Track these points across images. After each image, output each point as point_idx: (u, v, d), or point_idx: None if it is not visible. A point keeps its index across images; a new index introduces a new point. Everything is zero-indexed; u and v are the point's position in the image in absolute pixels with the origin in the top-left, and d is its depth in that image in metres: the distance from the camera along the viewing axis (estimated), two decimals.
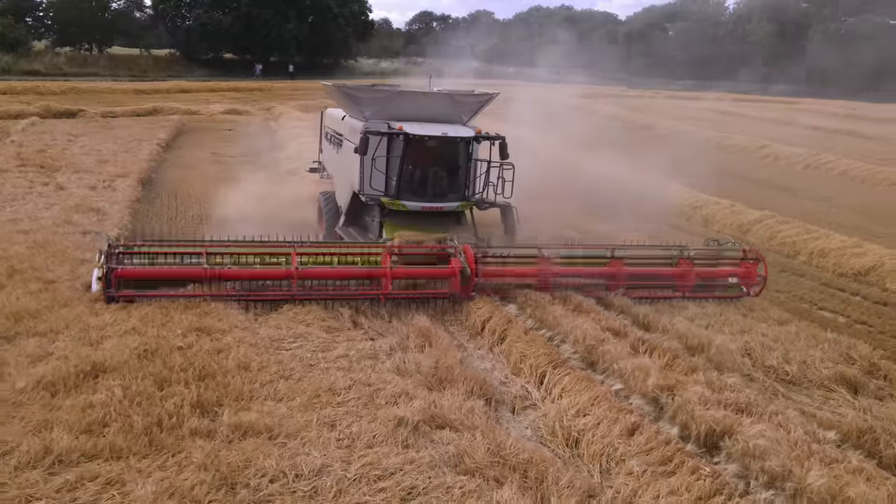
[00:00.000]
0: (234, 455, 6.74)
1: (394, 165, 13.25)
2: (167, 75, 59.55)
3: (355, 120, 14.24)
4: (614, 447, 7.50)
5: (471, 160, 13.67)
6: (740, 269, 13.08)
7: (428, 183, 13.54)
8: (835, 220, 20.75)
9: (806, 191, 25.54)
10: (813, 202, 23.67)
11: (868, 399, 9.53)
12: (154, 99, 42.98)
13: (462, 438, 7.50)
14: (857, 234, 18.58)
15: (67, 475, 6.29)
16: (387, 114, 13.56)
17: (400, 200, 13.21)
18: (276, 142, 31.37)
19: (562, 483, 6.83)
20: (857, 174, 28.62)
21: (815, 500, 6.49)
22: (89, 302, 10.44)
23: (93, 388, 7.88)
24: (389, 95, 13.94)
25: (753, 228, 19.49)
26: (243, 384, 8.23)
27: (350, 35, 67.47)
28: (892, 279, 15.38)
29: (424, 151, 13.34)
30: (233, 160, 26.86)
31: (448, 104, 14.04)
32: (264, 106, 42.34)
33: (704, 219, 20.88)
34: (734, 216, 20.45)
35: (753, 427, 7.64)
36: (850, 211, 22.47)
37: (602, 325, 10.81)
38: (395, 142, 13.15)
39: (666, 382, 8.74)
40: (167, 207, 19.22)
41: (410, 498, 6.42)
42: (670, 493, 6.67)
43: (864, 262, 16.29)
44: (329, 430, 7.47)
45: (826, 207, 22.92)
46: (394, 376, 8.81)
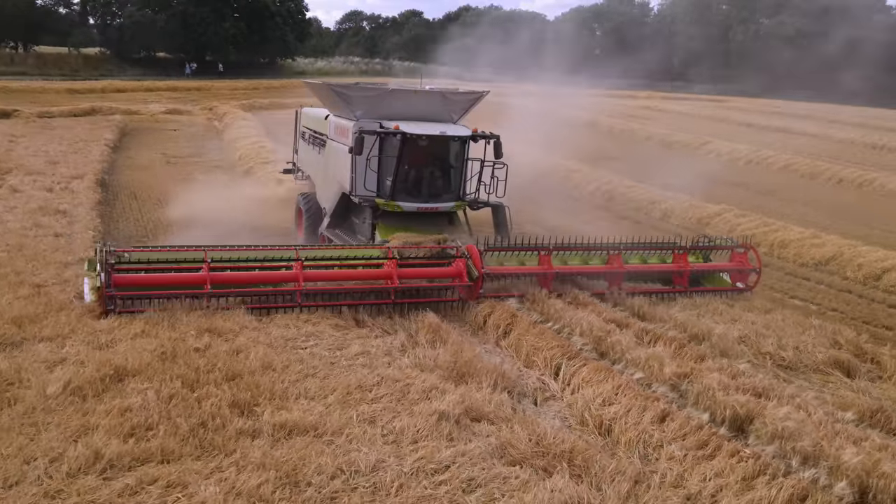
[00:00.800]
0: (288, 454, 6.70)
1: (387, 165, 13.00)
2: (99, 74, 57.84)
3: (344, 119, 13.93)
4: (649, 434, 7.70)
5: (466, 159, 13.53)
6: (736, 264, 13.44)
7: (423, 183, 13.32)
8: (786, 213, 21.55)
9: (754, 185, 26.42)
10: (761, 196, 24.51)
11: (863, 381, 9.99)
12: (89, 99, 41.77)
13: (501, 431, 7.60)
14: (810, 226, 19.34)
15: (125, 479, 6.16)
16: (378, 113, 13.29)
17: (395, 201, 12.94)
18: (225, 142, 30.96)
19: (609, 470, 6.99)
20: (798, 168, 29.75)
21: (852, 476, 6.78)
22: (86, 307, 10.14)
23: (121, 391, 7.71)
24: (381, 94, 13.73)
25: (713, 222, 20.09)
26: (273, 383, 8.16)
27: (288, 33, 66.60)
28: (852, 268, 16.09)
29: (420, 151, 13.12)
30: (184, 161, 26.46)
31: (439, 102, 13.89)
32: (206, 106, 41.58)
33: (663, 213, 21.42)
34: (693, 210, 21.04)
35: (779, 410, 7.94)
36: (798, 204, 23.38)
37: (604, 317, 11.05)
38: (388, 141, 12.90)
39: (682, 370, 9.00)
40: (129, 209, 18.81)
41: (471, 490, 6.48)
42: (716, 476, 6.89)
43: (823, 252, 17.00)
44: (370, 426, 7.47)
45: (775, 201, 23.77)
46: (417, 372, 8.85)
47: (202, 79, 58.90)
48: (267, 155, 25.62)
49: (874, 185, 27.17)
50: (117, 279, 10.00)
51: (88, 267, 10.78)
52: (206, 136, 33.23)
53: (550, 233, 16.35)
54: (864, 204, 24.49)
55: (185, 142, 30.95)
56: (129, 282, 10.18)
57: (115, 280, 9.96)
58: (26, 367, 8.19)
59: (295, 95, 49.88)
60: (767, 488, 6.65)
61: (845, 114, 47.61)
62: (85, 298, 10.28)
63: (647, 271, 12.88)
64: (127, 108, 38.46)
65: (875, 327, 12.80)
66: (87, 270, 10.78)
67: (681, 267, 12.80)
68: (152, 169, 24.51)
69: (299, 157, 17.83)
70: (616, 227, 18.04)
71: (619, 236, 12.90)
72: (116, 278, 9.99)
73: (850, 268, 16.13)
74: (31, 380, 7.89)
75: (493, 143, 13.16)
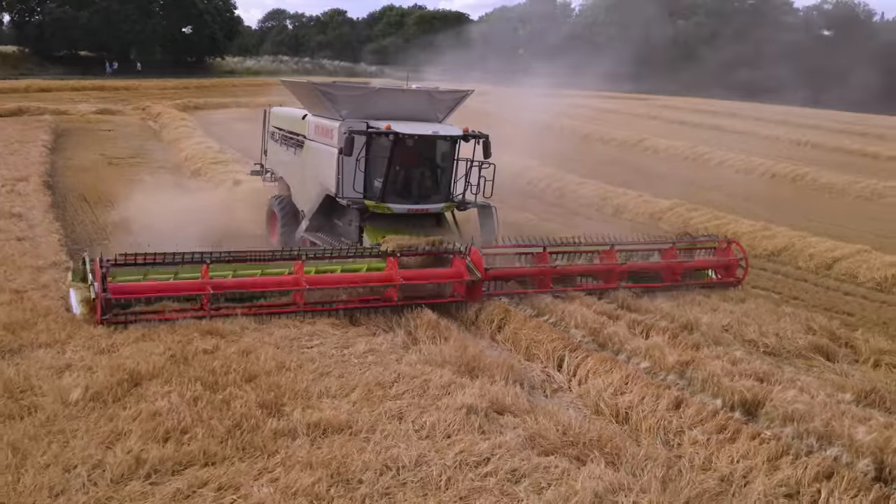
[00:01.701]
0: (330, 452, 6.69)
1: (376, 166, 12.73)
2: (19, 73, 55.55)
3: (327, 119, 13.51)
4: (668, 420, 7.95)
5: (455, 160, 13.31)
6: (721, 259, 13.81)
7: (413, 184, 13.10)
8: (731, 206, 22.28)
9: (696, 180, 27.22)
10: (704, 191, 25.27)
11: (843, 365, 10.49)
12: (14, 98, 40.21)
13: (526, 422, 7.73)
14: (756, 218, 20.09)
15: (174, 484, 6.05)
16: (364, 112, 12.97)
17: (385, 203, 12.65)
18: (166, 143, 30.31)
19: (639, 456, 7.20)
20: (734, 164, 30.79)
21: (867, 454, 7.15)
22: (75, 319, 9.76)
23: (142, 396, 7.55)
24: (367, 93, 13.48)
25: (665, 216, 20.66)
26: (292, 383, 8.10)
27: (217, 31, 65.17)
28: (803, 258, 16.80)
29: (410, 151, 12.87)
30: (127, 162, 25.77)
31: (426, 101, 13.71)
32: (138, 106, 40.51)
33: (615, 209, 21.89)
34: (645, 205, 21.59)
35: (785, 393, 8.31)
36: (740, 198, 24.19)
37: (594, 309, 11.32)
38: (377, 141, 12.60)
39: (684, 359, 9.32)
40: (82, 212, 18.22)
41: (517, 480, 6.58)
42: (742, 458, 7.18)
43: (775, 243, 17.70)
44: (400, 422, 7.50)
45: (719, 195, 24.53)
46: (429, 367, 8.90)
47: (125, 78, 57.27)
48: (215, 155, 25.17)
49: (806, 180, 28.30)
50: (114, 289, 9.61)
51: (73, 277, 10.33)
52: (143, 136, 32.42)
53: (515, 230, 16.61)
54: (800, 197, 25.56)
55: (122, 142, 30.12)
56: (125, 290, 9.81)
57: (111, 289, 9.55)
58: (33, 373, 7.94)
59: (229, 95, 49.28)
60: (793, 468, 6.96)
61: (768, 112, 49.39)
62: (73, 310, 9.82)
63: (641, 269, 13.06)
64: (55, 108, 37.16)
65: (836, 314, 13.36)
66: (72, 281, 10.30)
67: (672, 263, 13.08)
68: (95, 170, 23.76)
69: (269, 158, 17.19)
70: (572, 223, 18.50)
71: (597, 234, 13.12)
72: (113, 287, 9.59)
73: (801, 258, 16.83)
74: (43, 386, 7.66)
75: (483, 142, 12.97)
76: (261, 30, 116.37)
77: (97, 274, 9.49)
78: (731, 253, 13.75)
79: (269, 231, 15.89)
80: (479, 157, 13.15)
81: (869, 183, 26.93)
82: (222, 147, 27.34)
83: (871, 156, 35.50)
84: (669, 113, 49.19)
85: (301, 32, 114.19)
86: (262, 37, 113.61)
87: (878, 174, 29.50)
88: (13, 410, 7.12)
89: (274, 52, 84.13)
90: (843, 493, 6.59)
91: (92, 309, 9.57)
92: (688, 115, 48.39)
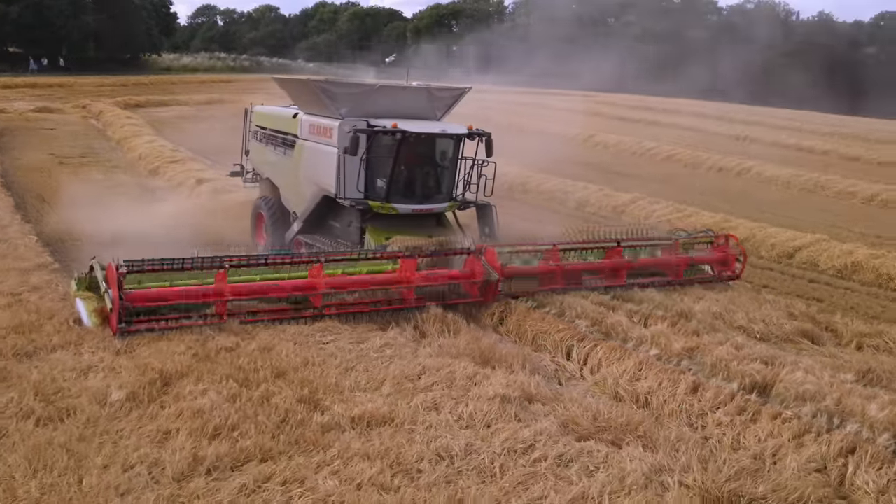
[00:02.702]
0: (382, 443, 6.78)
1: (378, 165, 12.45)
2: None
3: (324, 118, 13.09)
4: (689, 404, 8.28)
5: (459, 158, 13.11)
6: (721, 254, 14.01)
7: (417, 184, 12.84)
8: (687, 199, 22.94)
9: (645, 175, 27.92)
10: (657, 184, 25.94)
11: (829, 347, 11.03)
12: None
13: (556, 410, 7.95)
14: (714, 210, 20.79)
15: (238, 479, 6.06)
16: (364, 110, 12.66)
17: (390, 203, 12.37)
18: (114, 141, 29.69)
19: (672, 438, 7.48)
20: (681, 159, 31.69)
21: (881, 429, 7.57)
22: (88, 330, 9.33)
23: (178, 395, 7.50)
24: (367, 91, 13.09)
25: (628, 209, 21.23)
26: (322, 378, 8.15)
27: (153, 27, 63.47)
28: (765, 248, 17.52)
29: (415, 150, 12.65)
30: (78, 161, 25.19)
31: (426, 99, 13.47)
32: (78, 104, 39.43)
33: (578, 202, 22.37)
34: (607, 199, 22.12)
35: (794, 375, 8.72)
36: (693, 191, 24.92)
37: (590, 300, 11.60)
38: (380, 140, 12.32)
39: (689, 345, 9.67)
40: (45, 212, 17.73)
41: (566, 464, 6.78)
42: (769, 437, 7.53)
43: (738, 233, 17.99)
44: (437, 413, 7.63)
45: (672, 189, 25.19)
46: (449, 359, 9.02)
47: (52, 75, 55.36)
48: (172, 154, 24.79)
49: (752, 173, 29.29)
50: (131, 296, 9.16)
51: (78, 287, 9.87)
52: (88, 135, 31.64)
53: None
54: (748, 190, 26.45)
55: (69, 141, 29.33)
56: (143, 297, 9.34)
57: (128, 297, 9.10)
58: (58, 376, 7.80)
59: (169, 92, 48.35)
60: (818, 444, 7.34)
61: (706, 108, 50.81)
62: (84, 322, 9.36)
63: (646, 264, 13.10)
64: None
65: (807, 300, 13.97)
66: (77, 291, 9.83)
67: (677, 259, 13.18)
68: (47, 170, 23.10)
69: (252, 158, 16.62)
70: (542, 217, 18.84)
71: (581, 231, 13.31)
72: (131, 295, 9.16)
73: (763, 248, 17.53)
74: (72, 389, 7.54)
75: (486, 140, 12.78)
76: (190, 26, 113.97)
77: (112, 281, 9.03)
78: (729, 248, 13.92)
79: (255, 234, 15.54)
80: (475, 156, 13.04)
81: (811, 176, 28.04)
82: (175, 146, 26.87)
83: (807, 150, 36.88)
84: (609, 109, 50.15)
85: (232, 29, 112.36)
86: (192, 33, 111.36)
87: (817, 167, 30.79)
88: (51, 413, 7.01)
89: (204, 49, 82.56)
90: (868, 467, 6.98)
91: (104, 319, 9.23)
92: (627, 111, 49.46)
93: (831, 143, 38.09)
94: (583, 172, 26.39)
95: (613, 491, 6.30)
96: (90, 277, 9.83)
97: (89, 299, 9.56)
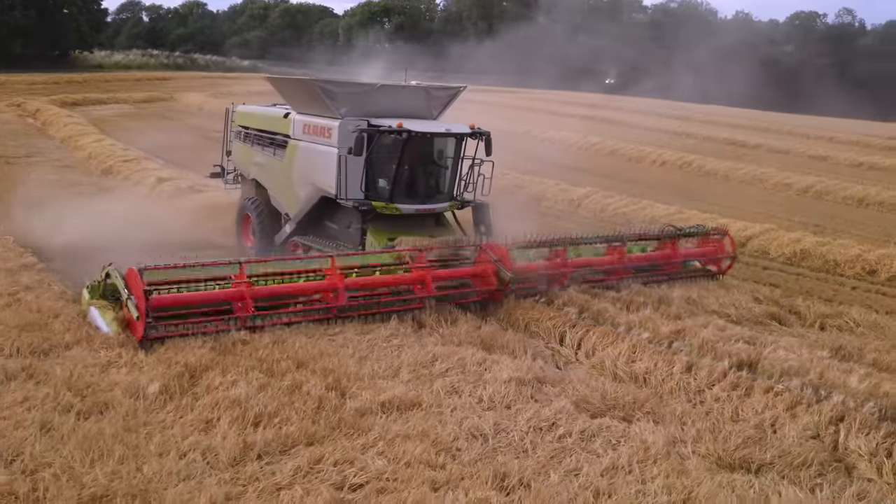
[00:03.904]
0: (416, 425, 7.14)
1: (381, 166, 12.42)
2: None
3: (322, 118, 12.88)
4: (686, 382, 8.85)
5: (461, 157, 13.04)
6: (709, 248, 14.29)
7: (419, 183, 12.80)
8: (637, 192, 23.78)
9: (593, 169, 28.73)
10: (606, 178, 26.75)
11: (796, 328, 11.80)
12: None
13: (566, 391, 8.44)
14: (666, 202, 21.64)
15: (291, 462, 6.35)
16: (363, 110, 12.50)
17: (394, 204, 12.29)
18: (58, 140, 29.11)
19: (678, 413, 8.06)
20: (625, 153, 32.69)
21: (861, 399, 8.26)
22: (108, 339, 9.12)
23: (208, 386, 7.72)
24: (369, 91, 12.84)
25: (584, 202, 21.92)
26: (341, 367, 8.46)
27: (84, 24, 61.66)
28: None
29: (418, 149, 12.57)
30: (25, 161, 24.70)
31: (423, 98, 13.40)
32: (11, 102, 38.24)
33: (535, 196, 22.87)
34: (562, 193, 22.77)
35: (777, 353, 9.39)
36: (641, 184, 25.79)
37: (573, 289, 12.10)
38: (382, 140, 12.20)
39: (676, 328, 10.27)
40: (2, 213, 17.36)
41: (590, 439, 7.26)
42: (765, 409, 8.15)
43: (691, 224, 19.16)
44: (458, 396, 8.02)
45: (620, 182, 26.04)
46: (453, 347, 9.43)
47: None
48: (124, 153, 24.47)
49: (693, 166, 30.44)
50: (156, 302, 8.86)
51: (91, 295, 9.70)
52: (28, 134, 30.87)
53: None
54: (691, 182, 27.53)
55: (10, 141, 28.51)
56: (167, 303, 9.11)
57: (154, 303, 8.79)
58: (82, 371, 7.91)
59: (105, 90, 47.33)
60: (810, 414, 7.99)
61: (639, 104, 52.24)
62: (103, 330, 9.11)
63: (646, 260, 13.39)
64: None
65: (763, 285, 14.78)
66: (90, 299, 9.64)
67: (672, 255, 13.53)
68: None
69: (234, 159, 16.21)
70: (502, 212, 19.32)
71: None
72: (156, 301, 8.85)
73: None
74: (100, 383, 7.68)
75: (486, 138, 12.77)
76: (115, 22, 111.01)
77: (136, 288, 8.83)
78: (722, 242, 14.24)
79: (242, 235, 15.28)
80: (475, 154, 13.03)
81: (749, 169, 29.33)
82: (126, 145, 26.52)
83: (740, 144, 38.41)
84: (542, 105, 51.18)
85: (159, 25, 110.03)
86: (117, 29, 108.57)
87: (752, 160, 32.17)
88: (89, 407, 7.16)
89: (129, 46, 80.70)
90: (857, 433, 7.64)
91: (125, 327, 9.06)
92: (559, 107, 50.50)
93: (763, 138, 39.76)
94: (536, 167, 26.95)
95: (640, 461, 6.80)
96: (105, 284, 9.64)
97: (105, 307, 9.37)
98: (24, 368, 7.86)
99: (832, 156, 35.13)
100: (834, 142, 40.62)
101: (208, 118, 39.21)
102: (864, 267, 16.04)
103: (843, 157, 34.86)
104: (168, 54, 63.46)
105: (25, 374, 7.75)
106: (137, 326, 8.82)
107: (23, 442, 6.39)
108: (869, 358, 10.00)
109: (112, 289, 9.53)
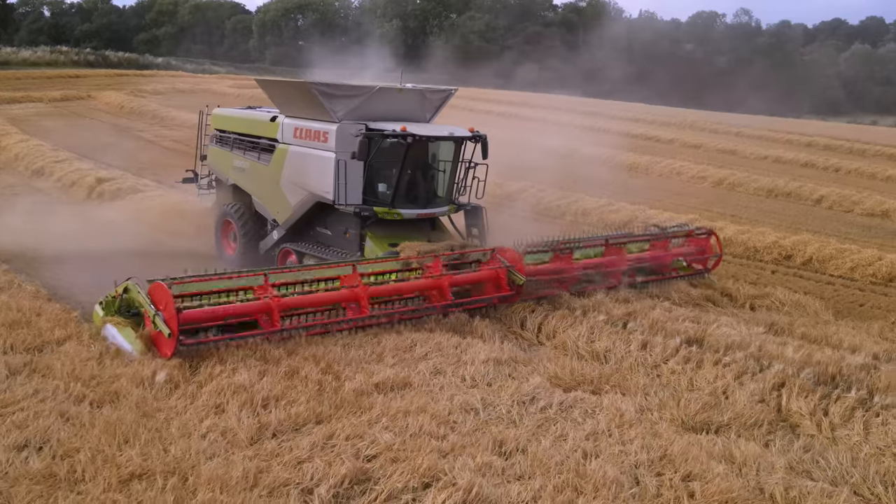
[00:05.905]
0: (412, 402, 7.73)
1: (381, 170, 12.39)
2: None
3: (317, 122, 12.72)
4: (643, 358, 9.72)
5: (460, 161, 13.07)
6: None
7: (419, 187, 12.72)
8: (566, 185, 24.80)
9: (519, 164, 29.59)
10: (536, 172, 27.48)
11: (730, 309, 12.88)
12: None
13: (538, 369, 9.20)
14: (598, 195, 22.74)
15: (306, 439, 6.84)
16: (360, 114, 12.46)
17: (396, 209, 12.28)
18: None
19: (641, 384, 8.91)
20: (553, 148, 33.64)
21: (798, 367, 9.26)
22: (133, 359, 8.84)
23: (210, 375, 8.11)
24: (366, 93, 12.65)
25: (520, 197, 22.80)
26: (327, 354, 8.96)
27: None
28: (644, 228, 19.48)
29: (420, 154, 12.54)
30: None
31: (418, 101, 13.30)
32: None
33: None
34: (498, 188, 23.45)
35: (720, 330, 10.37)
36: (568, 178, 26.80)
37: None
38: (383, 144, 12.08)
39: (629, 310, 11.14)
40: None
41: (568, 409, 7.98)
42: (716, 378, 9.07)
43: (620, 216, 20.36)
44: (442, 376, 8.65)
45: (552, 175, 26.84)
46: (427, 333, 10.06)
47: None
48: (54, 153, 24.10)
49: (615, 161, 31.68)
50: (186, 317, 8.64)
51: (106, 311, 9.29)
52: None
53: None
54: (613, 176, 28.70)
55: None
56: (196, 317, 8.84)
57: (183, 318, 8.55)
58: (83, 364, 8.21)
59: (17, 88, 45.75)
60: (755, 382, 8.94)
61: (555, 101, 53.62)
62: (125, 349, 8.67)
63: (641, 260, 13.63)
64: None
65: None
66: (105, 316, 9.22)
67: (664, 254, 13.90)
68: None
69: (211, 164, 15.83)
70: None
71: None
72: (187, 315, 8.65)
73: (642, 229, 19.47)
74: (103, 375, 8.01)
75: (483, 142, 12.89)
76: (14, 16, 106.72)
77: (165, 303, 8.52)
78: (709, 242, 14.62)
79: (222, 244, 15.02)
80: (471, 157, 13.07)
81: (668, 162, 30.88)
82: (54, 145, 26.07)
83: (654, 139, 40.18)
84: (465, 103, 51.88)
85: (62, 20, 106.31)
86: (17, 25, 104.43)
87: (667, 154, 33.77)
88: (101, 397, 7.49)
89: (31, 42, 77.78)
90: (797, 396, 8.62)
91: (150, 344, 8.65)
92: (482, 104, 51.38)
93: (675, 133, 41.62)
94: None
95: (618, 426, 7.59)
96: (122, 299, 9.22)
97: (122, 324, 8.96)
98: (25, 364, 8.12)
99: (740, 149, 37.13)
100: (741, 136, 42.90)
101: (131, 117, 38.65)
102: (780, 252, 17.44)
103: (749, 150, 36.89)
104: (78, 51, 61.59)
105: (29, 370, 8.02)
106: (168, 344, 8.43)
107: (47, 430, 6.70)
108: (798, 332, 11.11)
109: (127, 304, 9.21)
